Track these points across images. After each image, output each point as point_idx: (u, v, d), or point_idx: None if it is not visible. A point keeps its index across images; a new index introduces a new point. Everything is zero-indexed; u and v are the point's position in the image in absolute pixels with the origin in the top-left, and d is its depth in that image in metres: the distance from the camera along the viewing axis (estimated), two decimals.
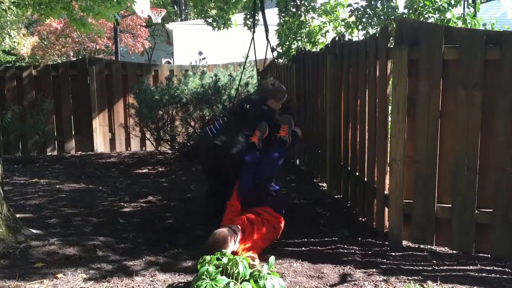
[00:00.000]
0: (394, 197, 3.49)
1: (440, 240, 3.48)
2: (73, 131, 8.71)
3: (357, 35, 6.23)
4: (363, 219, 4.20)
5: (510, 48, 3.15)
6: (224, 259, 2.77)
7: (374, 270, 3.10)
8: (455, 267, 3.16)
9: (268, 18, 6.70)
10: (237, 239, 3.29)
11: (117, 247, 3.54)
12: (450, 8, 5.27)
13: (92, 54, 17.46)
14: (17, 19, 15.81)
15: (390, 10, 5.47)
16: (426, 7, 5.29)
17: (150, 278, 2.99)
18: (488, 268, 3.12)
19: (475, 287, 2.86)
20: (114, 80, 8.75)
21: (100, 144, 8.73)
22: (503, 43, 3.17)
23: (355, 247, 3.54)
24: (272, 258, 2.88)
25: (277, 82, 4.48)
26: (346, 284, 2.91)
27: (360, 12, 5.71)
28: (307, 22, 6.90)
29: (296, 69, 6.62)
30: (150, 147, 8.63)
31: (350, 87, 4.50)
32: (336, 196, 4.97)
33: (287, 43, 6.91)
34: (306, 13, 6.95)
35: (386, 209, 3.69)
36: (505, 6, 15.75)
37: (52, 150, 8.59)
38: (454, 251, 3.41)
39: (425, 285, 2.87)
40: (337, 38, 5.00)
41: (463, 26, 5.12)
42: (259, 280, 2.61)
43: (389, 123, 3.66)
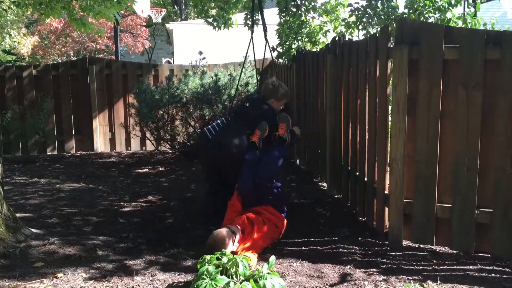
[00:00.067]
0: (394, 197, 3.49)
1: (440, 240, 3.48)
2: (73, 131, 8.70)
3: (358, 35, 6.23)
4: (363, 219, 4.20)
5: (510, 48, 3.15)
6: (224, 259, 2.78)
7: (374, 270, 3.10)
8: (455, 267, 3.16)
9: (269, 18, 6.69)
10: (236, 239, 3.29)
11: (117, 247, 3.54)
12: (451, 8, 5.27)
13: (92, 54, 17.46)
14: (18, 19, 15.83)
15: (391, 10, 5.47)
16: (426, 7, 5.30)
17: (150, 278, 2.99)
18: (488, 268, 3.12)
19: (475, 287, 2.86)
20: (114, 80, 8.75)
21: (100, 144, 8.74)
22: (503, 43, 3.17)
23: (355, 247, 3.54)
24: (272, 258, 2.88)
25: (279, 82, 4.48)
26: (346, 284, 2.91)
27: (361, 12, 5.71)
28: (308, 22, 6.90)
29: (296, 69, 6.62)
30: (150, 147, 8.63)
31: (350, 87, 4.50)
32: (336, 196, 4.97)
33: (288, 43, 6.91)
34: (307, 13, 6.95)
35: (386, 209, 3.69)
36: (505, 6, 15.75)
37: (52, 150, 8.59)
38: (454, 251, 3.41)
39: (425, 285, 2.87)
40: (337, 38, 5.00)
41: (464, 26, 5.12)
42: (259, 280, 2.61)
43: (389, 123, 3.65)
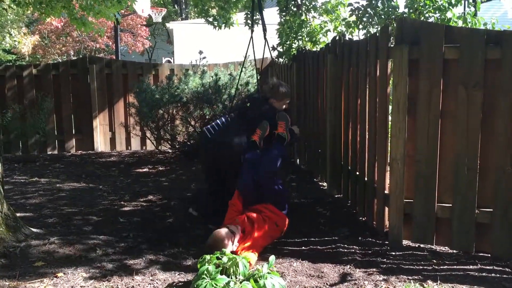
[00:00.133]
0: (395, 197, 3.50)
1: (441, 240, 3.48)
2: (74, 130, 8.70)
3: (358, 35, 6.22)
4: (363, 219, 4.20)
5: (511, 48, 3.14)
6: (224, 259, 2.78)
7: (374, 270, 3.10)
8: (455, 267, 3.16)
9: (269, 17, 6.69)
10: (236, 239, 3.29)
11: (117, 246, 3.54)
12: (451, 8, 5.26)
13: (93, 53, 17.46)
14: (18, 18, 15.85)
15: (391, 10, 5.47)
16: (427, 7, 5.29)
17: (150, 277, 2.99)
18: (488, 268, 3.12)
19: (475, 287, 2.86)
20: (115, 79, 8.75)
21: (101, 143, 8.74)
22: (504, 43, 3.17)
23: (355, 247, 3.54)
24: (272, 258, 2.88)
25: (279, 82, 4.47)
26: (346, 284, 2.91)
27: (361, 12, 5.71)
28: (308, 21, 6.90)
29: (297, 69, 6.62)
30: (151, 146, 8.63)
31: (351, 87, 4.50)
32: (336, 196, 4.97)
33: (288, 42, 6.91)
34: (307, 12, 6.94)
35: (387, 209, 3.69)
36: (506, 6, 15.75)
37: (53, 149, 8.59)
38: (454, 251, 3.41)
39: (425, 285, 2.87)
40: (338, 38, 4.99)
41: (464, 26, 5.12)
42: (259, 280, 2.61)
43: (390, 123, 3.65)
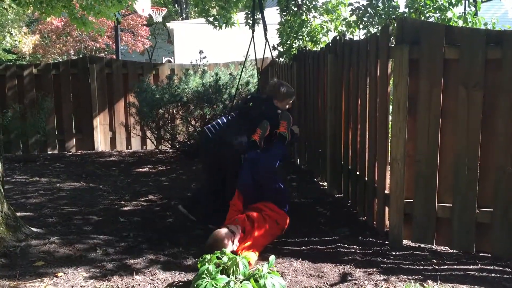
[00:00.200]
0: (395, 197, 3.49)
1: (441, 240, 3.48)
2: (74, 130, 8.70)
3: (358, 34, 6.22)
4: (364, 219, 4.20)
5: (511, 48, 3.14)
6: (224, 258, 2.78)
7: (375, 270, 3.10)
8: (456, 267, 3.16)
9: (269, 17, 6.68)
10: (236, 239, 3.29)
11: (118, 246, 3.54)
12: (451, 7, 5.26)
13: (93, 53, 17.45)
14: (18, 18, 15.85)
15: (391, 9, 5.47)
16: (427, 6, 5.28)
17: (151, 277, 2.99)
18: (489, 268, 3.12)
19: (476, 287, 2.86)
20: (115, 79, 8.75)
21: (101, 143, 8.74)
22: (504, 43, 3.16)
23: (356, 246, 3.54)
24: (272, 257, 2.88)
25: (280, 82, 4.46)
26: (347, 283, 2.91)
27: (361, 11, 5.71)
28: (309, 21, 6.90)
29: (297, 68, 6.62)
30: (151, 146, 8.63)
31: (351, 86, 4.50)
32: (337, 195, 4.97)
33: (288, 42, 6.91)
34: (308, 12, 6.94)
35: (387, 209, 3.69)
36: (506, 6, 15.74)
37: (53, 149, 8.59)
38: (455, 251, 3.41)
39: (426, 285, 2.87)
40: (338, 37, 4.99)
41: (464, 25, 5.12)
42: (259, 279, 2.61)
43: (390, 123, 3.65)
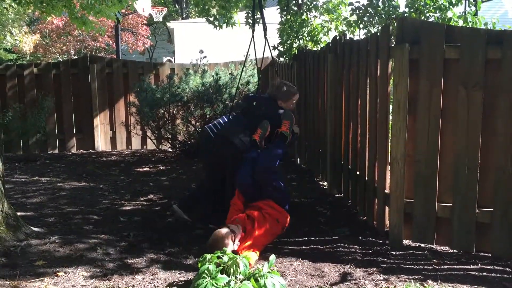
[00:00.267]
0: (395, 196, 3.50)
1: (441, 239, 3.48)
2: (74, 130, 8.71)
3: (359, 34, 6.23)
4: (364, 218, 4.20)
5: (511, 48, 3.14)
6: (225, 258, 2.78)
7: (375, 269, 3.11)
8: (456, 266, 3.16)
9: (270, 17, 6.69)
10: (236, 239, 3.29)
11: (118, 245, 3.55)
12: (451, 7, 5.27)
13: (93, 52, 17.44)
14: (19, 17, 15.85)
15: (391, 9, 5.47)
16: (427, 6, 5.29)
17: (151, 276, 2.99)
18: (489, 268, 3.13)
19: (476, 287, 2.86)
20: (115, 79, 8.75)
21: (101, 143, 8.74)
22: (504, 43, 3.16)
23: (356, 246, 3.54)
24: (273, 257, 2.89)
25: (282, 82, 4.46)
26: (347, 283, 2.91)
27: (362, 11, 5.71)
28: (309, 21, 6.90)
29: (297, 68, 6.62)
30: (151, 146, 8.64)
31: (351, 86, 4.50)
32: (337, 195, 4.97)
33: (289, 42, 6.91)
34: (308, 12, 6.94)
35: (387, 208, 3.69)
36: (507, 6, 15.74)
37: (53, 148, 8.60)
38: (455, 250, 3.41)
39: (426, 284, 2.87)
40: (339, 37, 4.99)
41: (464, 25, 5.12)
42: (260, 279, 2.61)
43: (390, 122, 3.66)
